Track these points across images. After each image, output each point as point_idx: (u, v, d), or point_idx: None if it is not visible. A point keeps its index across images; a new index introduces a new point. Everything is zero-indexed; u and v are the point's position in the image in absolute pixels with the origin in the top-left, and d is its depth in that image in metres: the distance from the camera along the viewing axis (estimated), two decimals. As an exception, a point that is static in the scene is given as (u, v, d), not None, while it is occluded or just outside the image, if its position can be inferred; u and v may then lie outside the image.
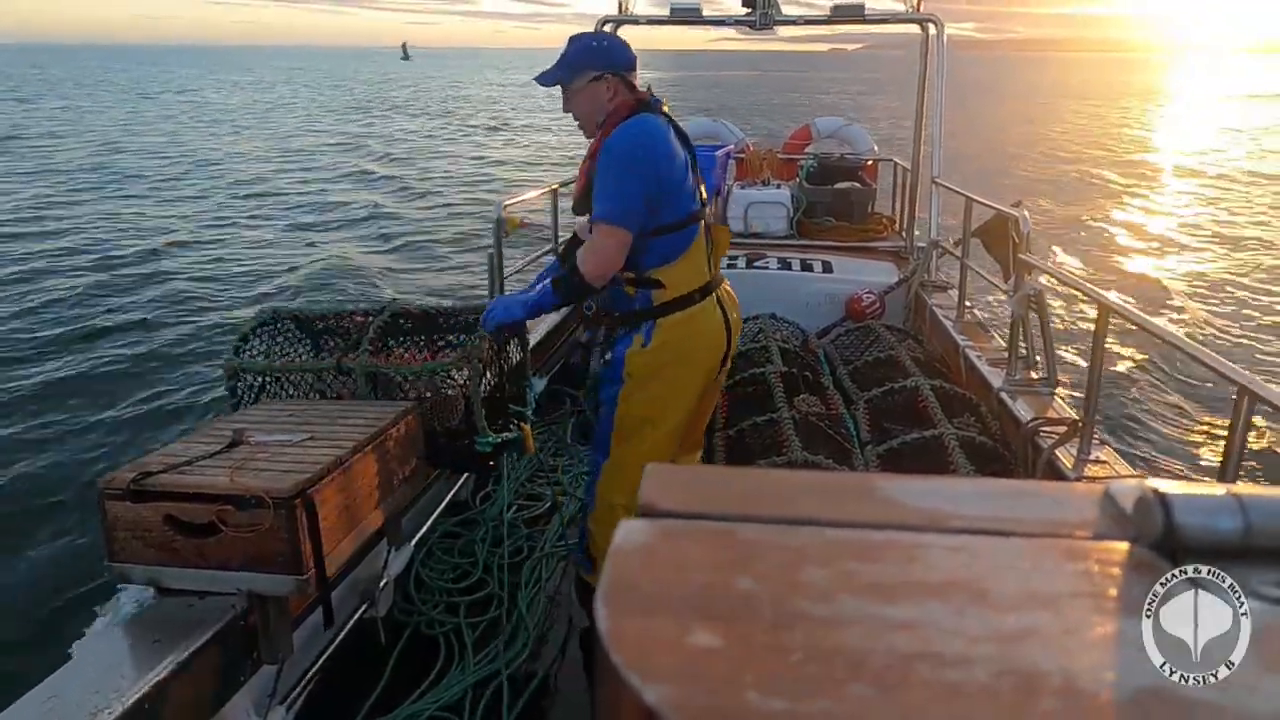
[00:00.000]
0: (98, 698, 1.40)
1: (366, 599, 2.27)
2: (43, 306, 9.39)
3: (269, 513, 1.62)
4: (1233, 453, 2.05)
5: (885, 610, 0.28)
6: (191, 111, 37.15)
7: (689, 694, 0.25)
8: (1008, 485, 0.36)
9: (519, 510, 3.12)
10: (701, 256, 2.28)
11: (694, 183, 2.29)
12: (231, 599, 1.69)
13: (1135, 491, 0.33)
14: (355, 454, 1.87)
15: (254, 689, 1.78)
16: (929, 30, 5.14)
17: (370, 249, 13.19)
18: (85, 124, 30.13)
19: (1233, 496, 0.31)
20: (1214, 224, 14.73)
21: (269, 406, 2.22)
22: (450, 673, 2.27)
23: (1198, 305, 9.86)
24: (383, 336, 2.41)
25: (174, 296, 10.08)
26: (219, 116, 34.85)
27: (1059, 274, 3.17)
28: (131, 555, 1.69)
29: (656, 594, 0.29)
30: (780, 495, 0.36)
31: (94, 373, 7.53)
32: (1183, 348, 2.32)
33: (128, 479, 1.67)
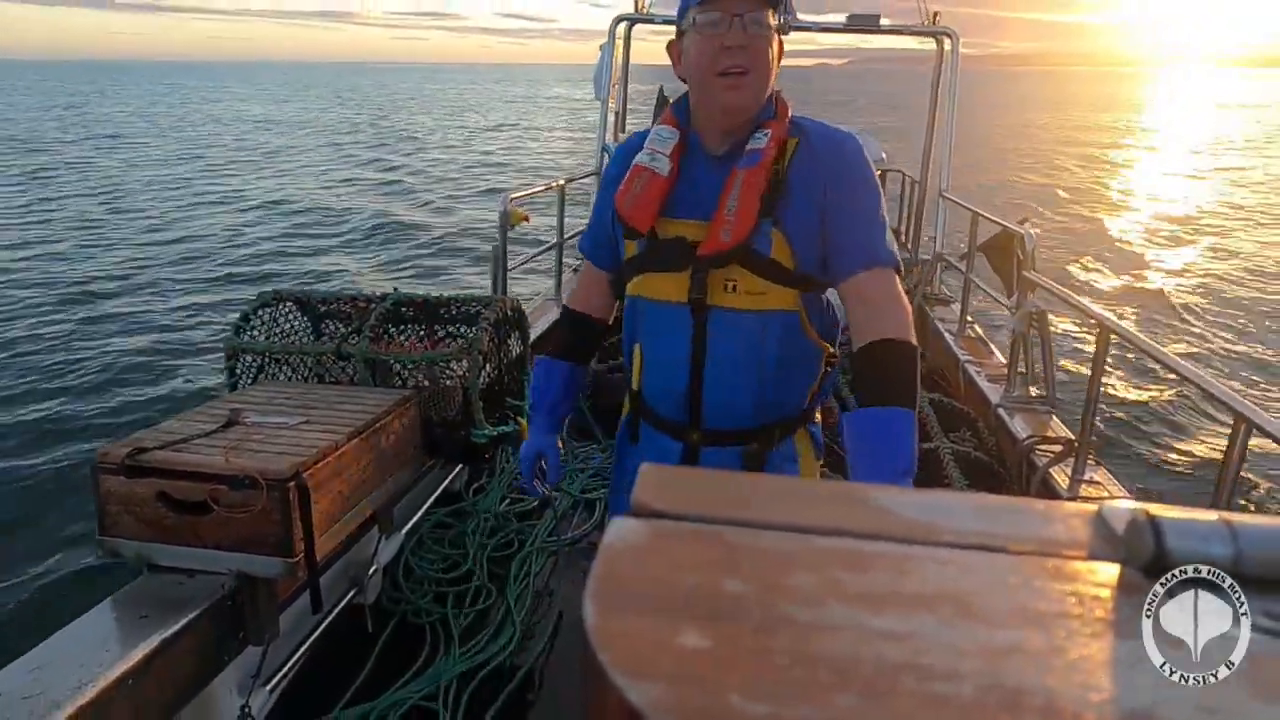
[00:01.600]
0: (82, 671, 1.40)
1: (355, 585, 2.27)
2: (41, 291, 9.40)
3: (262, 494, 1.62)
4: (1227, 479, 2.05)
5: (873, 620, 0.28)
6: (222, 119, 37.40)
7: (674, 694, 0.25)
8: (1001, 501, 0.36)
9: (511, 504, 3.12)
10: None
11: None
12: (221, 578, 1.69)
13: (1127, 514, 0.33)
14: (351, 440, 1.87)
15: (239, 669, 1.78)
16: (944, 44, 5.14)
17: (374, 245, 13.21)
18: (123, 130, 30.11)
19: (1224, 523, 0.31)
20: (1214, 231, 14.81)
21: (267, 388, 2.22)
22: (436, 662, 2.28)
23: (1202, 317, 9.87)
24: (384, 323, 2.41)
25: (172, 282, 10.09)
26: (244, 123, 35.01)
27: (1062, 293, 3.17)
28: (122, 530, 1.69)
29: (645, 593, 0.29)
30: (773, 500, 0.36)
31: (93, 352, 7.54)
32: (1182, 372, 2.32)
33: (122, 454, 1.67)
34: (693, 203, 1.44)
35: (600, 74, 5.00)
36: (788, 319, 1.44)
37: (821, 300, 1.50)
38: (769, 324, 1.43)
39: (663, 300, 1.47)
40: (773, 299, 1.42)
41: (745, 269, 1.41)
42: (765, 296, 1.42)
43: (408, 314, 2.50)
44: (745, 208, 1.38)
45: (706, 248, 1.40)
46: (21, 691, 1.35)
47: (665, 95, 5.41)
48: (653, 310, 1.49)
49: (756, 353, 1.43)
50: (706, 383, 1.46)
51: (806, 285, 1.44)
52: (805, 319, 1.45)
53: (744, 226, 1.37)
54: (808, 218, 1.40)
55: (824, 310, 1.51)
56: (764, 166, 1.39)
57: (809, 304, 1.46)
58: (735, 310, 1.43)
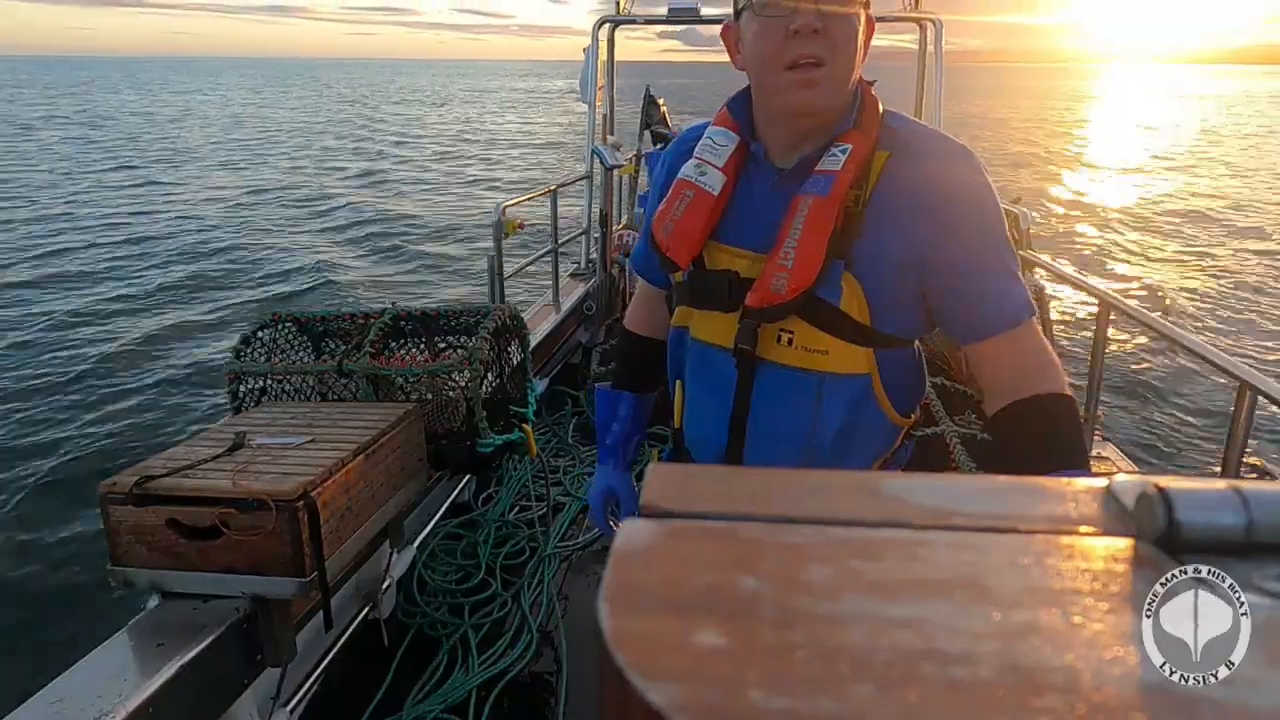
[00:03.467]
0: (101, 701, 1.40)
1: (369, 601, 2.27)
2: (50, 306, 9.41)
3: (271, 515, 1.62)
4: (1234, 447, 2.05)
5: (888, 608, 0.28)
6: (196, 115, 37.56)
7: (692, 694, 0.25)
8: (1009, 482, 0.36)
9: (521, 511, 3.12)
10: None
11: None
12: (235, 602, 1.69)
13: (1137, 487, 0.33)
14: (357, 456, 1.87)
15: (257, 692, 1.78)
16: (927, 30, 5.13)
17: (368, 252, 13.21)
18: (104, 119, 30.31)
19: (1235, 491, 0.31)
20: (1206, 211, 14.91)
21: (270, 409, 2.22)
22: (454, 673, 2.28)
23: (1201, 293, 9.87)
24: (384, 338, 2.42)
25: (173, 299, 10.09)
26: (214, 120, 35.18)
27: (1060, 270, 3.16)
28: (134, 559, 1.69)
29: (659, 594, 0.29)
30: (783, 494, 0.36)
31: (99, 375, 7.54)
32: (1184, 343, 2.32)
33: (130, 483, 1.67)
34: (748, 228, 1.17)
35: (586, 77, 5.00)
36: (854, 385, 1.15)
37: (908, 356, 1.23)
38: (829, 390, 1.15)
39: (706, 341, 1.24)
40: (836, 359, 1.14)
41: (804, 320, 1.13)
42: (827, 356, 1.14)
43: (406, 327, 2.51)
44: (807, 249, 1.08)
45: (755, 298, 1.13)
46: None
47: (652, 95, 5.40)
48: (696, 350, 1.26)
49: (807, 422, 1.16)
50: (749, 445, 1.21)
51: (885, 343, 1.15)
52: (878, 385, 1.16)
53: (804, 274, 1.08)
54: (896, 259, 1.11)
55: (909, 370, 1.23)
56: (836, 197, 1.08)
57: (886, 365, 1.16)
58: (788, 368, 1.16)
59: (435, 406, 2.35)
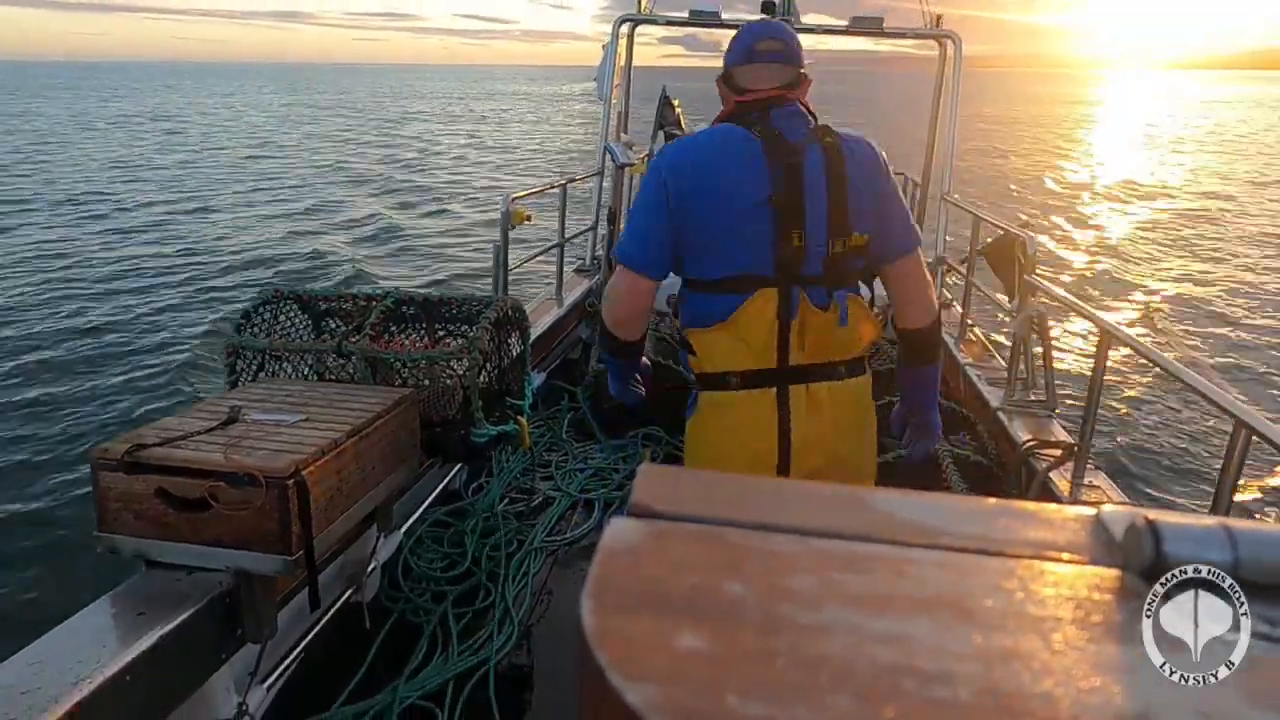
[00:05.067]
0: (80, 666, 1.40)
1: (353, 583, 2.27)
2: (46, 291, 9.41)
3: (261, 491, 1.62)
4: (1226, 485, 2.05)
5: (871, 622, 0.28)
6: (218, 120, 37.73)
7: (670, 696, 0.25)
8: (1000, 505, 0.36)
9: (510, 503, 3.11)
10: (758, 333, 1.70)
11: (775, 234, 1.68)
12: (219, 575, 1.69)
13: (1126, 518, 0.33)
14: (350, 438, 1.87)
15: (236, 666, 1.78)
16: (946, 47, 5.15)
17: (373, 240, 13.21)
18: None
19: (1223, 528, 0.31)
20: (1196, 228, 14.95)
21: (267, 386, 2.22)
22: (433, 662, 2.27)
23: (1204, 314, 9.88)
24: (385, 322, 2.41)
25: (174, 279, 10.10)
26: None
27: (1063, 297, 3.16)
28: (121, 526, 1.69)
29: (643, 594, 0.29)
30: (772, 502, 0.36)
31: (94, 346, 7.54)
32: (1182, 378, 2.32)
33: (121, 450, 1.67)
34: None
35: (603, 74, 5.00)
36: None
37: None
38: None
39: None
40: None
41: None
42: None
43: (408, 313, 2.50)
44: None
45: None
46: (20, 686, 1.35)
47: (667, 96, 5.41)
48: None
49: None
50: None
51: None
52: None
53: None
54: None
55: None
56: None
57: None
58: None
59: (432, 393, 2.35)
